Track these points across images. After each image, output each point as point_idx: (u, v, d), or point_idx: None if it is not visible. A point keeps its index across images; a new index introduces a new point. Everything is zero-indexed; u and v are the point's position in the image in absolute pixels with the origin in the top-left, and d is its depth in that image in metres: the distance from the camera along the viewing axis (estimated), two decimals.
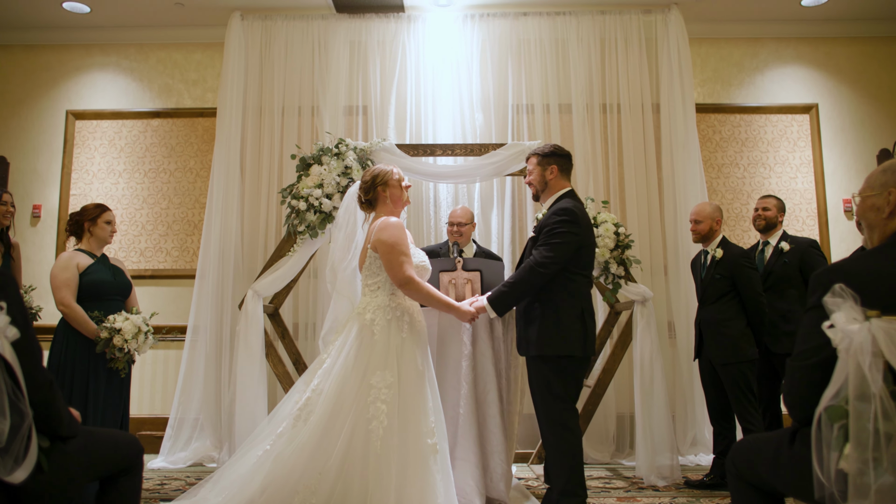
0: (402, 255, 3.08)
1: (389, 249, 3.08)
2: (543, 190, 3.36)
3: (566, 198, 3.27)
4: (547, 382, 3.07)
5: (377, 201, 3.27)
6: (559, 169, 3.33)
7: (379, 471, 2.85)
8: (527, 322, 3.17)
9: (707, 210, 4.13)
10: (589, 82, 5.67)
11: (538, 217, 3.34)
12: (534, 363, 3.13)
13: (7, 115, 5.98)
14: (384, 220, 3.16)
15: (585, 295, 3.18)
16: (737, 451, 2.08)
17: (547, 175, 3.33)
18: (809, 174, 5.83)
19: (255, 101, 5.67)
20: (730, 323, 3.95)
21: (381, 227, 3.13)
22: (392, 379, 2.97)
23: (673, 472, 4.25)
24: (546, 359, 3.07)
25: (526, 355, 3.20)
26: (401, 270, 3.07)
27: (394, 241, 3.08)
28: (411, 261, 3.13)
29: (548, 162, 3.34)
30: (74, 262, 3.67)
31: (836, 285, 1.65)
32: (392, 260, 3.07)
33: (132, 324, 3.56)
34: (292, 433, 2.90)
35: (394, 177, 3.25)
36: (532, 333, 3.13)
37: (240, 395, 4.16)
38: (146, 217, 5.85)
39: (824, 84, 5.94)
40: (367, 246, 3.20)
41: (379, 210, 3.27)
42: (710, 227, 4.11)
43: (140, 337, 3.57)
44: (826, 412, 1.62)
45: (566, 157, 3.38)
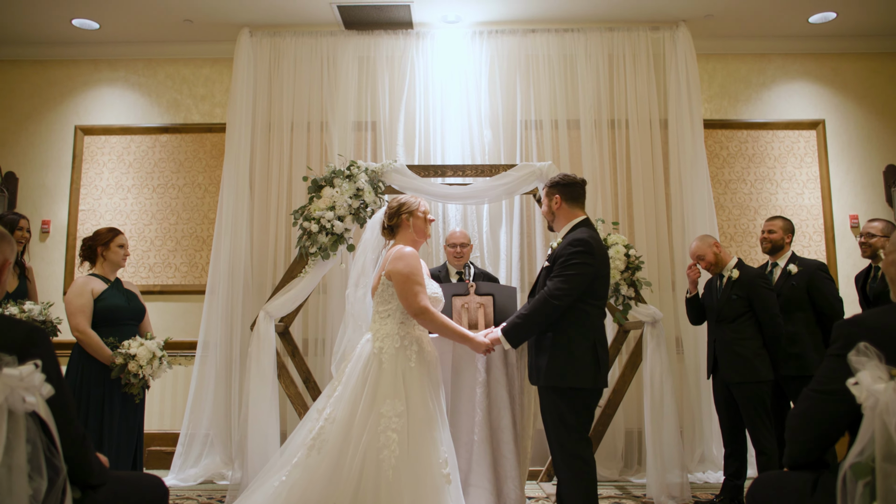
0: (416, 286, 3.10)
1: (405, 280, 3.10)
2: (553, 220, 3.38)
3: (582, 227, 3.27)
4: (559, 413, 3.08)
5: (399, 229, 3.30)
6: (563, 198, 3.33)
7: (391, 500, 2.87)
8: (538, 351, 3.18)
9: (703, 245, 4.20)
10: (597, 98, 5.69)
11: (552, 246, 3.35)
12: (546, 393, 3.14)
13: (16, 130, 5.99)
14: (399, 249, 3.18)
15: (598, 326, 3.19)
16: (759, 489, 2.11)
17: (552, 205, 3.34)
18: (816, 190, 5.85)
19: (264, 117, 5.69)
20: (745, 343, 3.97)
21: (397, 256, 3.15)
22: (402, 408, 2.99)
23: (683, 491, 4.27)
24: (558, 390, 3.08)
25: (537, 385, 3.22)
26: (416, 301, 3.09)
27: (409, 271, 3.11)
28: (426, 291, 3.15)
29: (552, 192, 3.35)
30: (89, 287, 3.69)
31: (861, 343, 1.67)
32: (407, 290, 3.09)
33: (147, 349, 3.58)
34: (307, 462, 2.92)
35: (420, 209, 3.29)
36: (543, 363, 3.14)
37: (252, 417, 4.18)
38: (155, 233, 5.87)
39: (831, 100, 5.96)
40: (381, 273, 3.22)
41: (399, 238, 3.30)
42: (718, 260, 4.15)
43: (155, 362, 3.59)
44: (852, 469, 1.64)
45: (571, 186, 3.36)
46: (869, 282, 4.35)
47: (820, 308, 4.20)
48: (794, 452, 2.00)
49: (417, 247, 3.30)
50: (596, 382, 3.11)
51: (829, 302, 4.18)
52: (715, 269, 4.19)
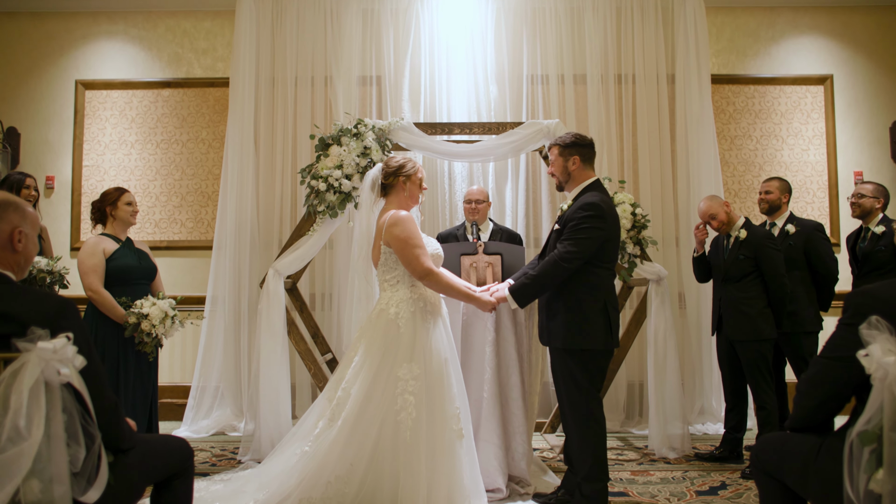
0: (417, 248, 3.13)
1: (403, 244, 3.13)
2: (567, 181, 3.36)
3: (593, 189, 3.28)
4: (572, 374, 3.15)
5: (392, 190, 3.31)
6: (581, 159, 3.33)
7: (409, 459, 2.98)
8: (550, 314, 3.23)
9: (714, 205, 4.21)
10: (604, 53, 5.62)
11: (562, 208, 3.36)
12: (558, 355, 3.20)
13: (15, 85, 5.92)
14: (394, 214, 3.19)
15: (608, 287, 3.23)
16: (764, 450, 2.19)
17: (569, 166, 3.34)
18: (822, 146, 5.84)
19: (268, 71, 5.62)
20: (751, 302, 4.03)
21: (392, 222, 3.16)
22: (419, 371, 3.07)
23: (683, 443, 4.40)
24: (570, 351, 3.15)
25: (549, 346, 3.28)
26: (419, 264, 3.13)
27: (406, 235, 3.13)
28: (427, 252, 3.18)
29: (570, 153, 3.33)
30: (101, 247, 3.72)
31: (874, 317, 1.72)
32: (408, 254, 3.13)
33: (159, 309, 3.63)
34: (328, 433, 3.01)
35: (418, 174, 3.31)
36: (555, 326, 3.19)
37: (263, 373, 4.27)
38: (160, 188, 5.87)
39: (840, 55, 5.90)
40: (378, 242, 3.24)
41: (390, 200, 3.30)
42: (725, 222, 4.17)
43: (167, 322, 3.65)
44: (859, 437, 1.71)
45: (588, 147, 3.37)
46: (858, 242, 4.41)
47: (815, 267, 4.27)
48: (801, 415, 2.07)
49: (409, 210, 3.32)
50: (607, 344, 3.17)
51: (825, 262, 4.25)
52: (725, 229, 4.22)
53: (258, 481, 3.15)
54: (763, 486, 2.18)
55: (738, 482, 3.78)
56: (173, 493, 2.17)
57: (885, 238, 4.28)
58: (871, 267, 4.35)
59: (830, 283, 4.32)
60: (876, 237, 4.33)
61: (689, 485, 3.74)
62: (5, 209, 1.86)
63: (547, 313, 3.25)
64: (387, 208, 3.30)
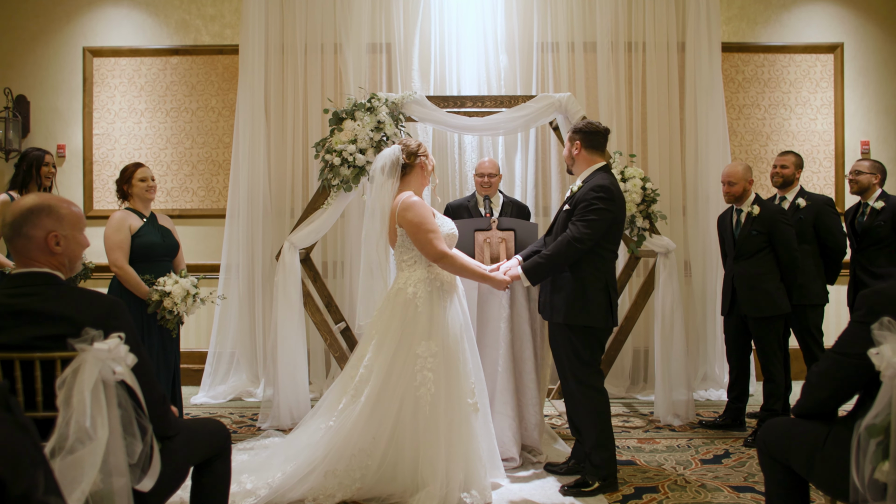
0: (429, 233, 3.21)
1: (416, 229, 3.21)
2: (573, 164, 3.46)
3: (602, 172, 3.35)
4: (574, 348, 3.28)
5: (412, 170, 3.37)
6: (582, 145, 3.40)
7: (428, 432, 3.12)
8: (553, 290, 3.34)
9: (740, 171, 4.21)
10: (615, 20, 5.59)
11: (572, 189, 3.43)
12: (559, 329, 3.32)
13: (23, 52, 5.89)
14: (406, 198, 3.27)
15: (610, 269, 3.35)
16: (770, 434, 2.31)
17: (572, 150, 3.42)
18: (829, 116, 5.86)
19: (277, 39, 5.59)
20: (766, 277, 4.13)
21: (404, 206, 3.24)
22: (436, 348, 3.18)
23: (688, 410, 4.56)
24: (572, 327, 3.26)
25: (550, 321, 3.39)
26: (432, 247, 3.21)
27: (419, 220, 3.21)
28: (440, 235, 3.26)
29: (573, 138, 3.43)
30: (126, 223, 3.79)
31: (886, 318, 1.81)
32: (421, 238, 3.21)
33: (181, 287, 3.71)
34: (352, 409, 3.15)
35: (430, 159, 3.41)
36: (558, 302, 3.31)
37: (281, 343, 4.39)
38: (171, 157, 5.90)
39: (851, 22, 5.87)
40: (393, 224, 3.32)
41: (406, 181, 3.36)
42: (744, 188, 4.21)
43: (189, 300, 3.74)
44: (867, 430, 1.82)
45: (593, 134, 3.41)
46: (857, 217, 4.49)
47: (824, 241, 4.35)
48: (809, 404, 2.18)
49: (421, 192, 3.40)
50: (607, 323, 3.30)
51: (834, 236, 4.33)
52: (737, 203, 4.27)
53: (284, 454, 3.29)
54: (768, 468, 2.31)
55: (741, 450, 3.93)
56: (214, 473, 2.30)
57: (884, 213, 4.36)
58: (869, 241, 4.44)
59: (838, 257, 4.41)
60: (875, 212, 4.40)
61: (693, 453, 3.89)
62: (37, 215, 1.92)
63: (551, 289, 3.35)
64: (403, 188, 3.36)
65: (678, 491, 3.31)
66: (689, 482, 3.42)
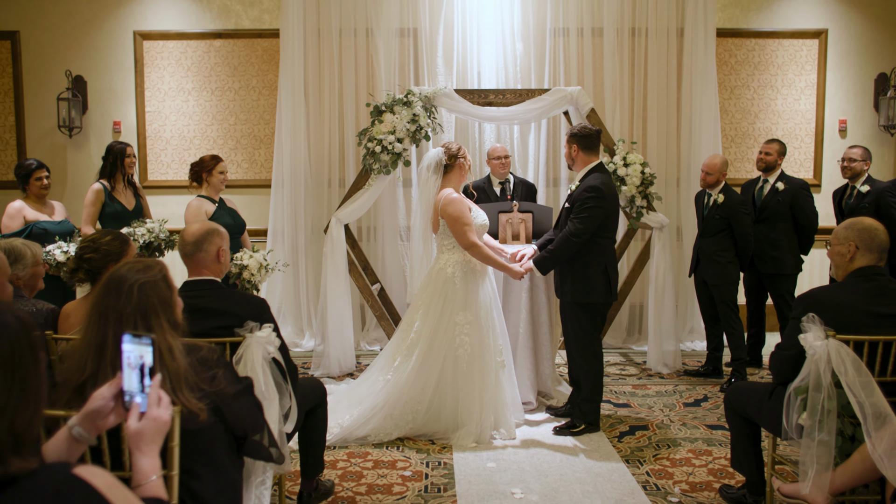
0: (465, 226, 3.93)
1: (454, 221, 3.93)
2: (572, 164, 4.12)
3: (595, 172, 4.02)
4: (579, 321, 4.02)
5: (452, 169, 4.06)
6: (579, 147, 4.04)
7: (465, 383, 3.93)
8: (563, 275, 4.05)
9: (717, 164, 4.92)
10: (620, 7, 6.15)
11: (571, 188, 4.10)
12: (569, 307, 4.06)
13: (79, 35, 6.44)
14: (448, 195, 3.97)
15: (609, 252, 4.05)
16: (733, 392, 3.10)
17: (571, 152, 4.08)
18: (812, 96, 6.49)
19: (314, 23, 6.14)
20: (723, 253, 4.91)
21: (446, 201, 3.95)
22: (472, 317, 3.95)
23: (675, 360, 5.37)
24: (578, 304, 4.01)
25: (561, 300, 4.14)
26: (465, 238, 3.94)
27: (458, 214, 3.93)
28: (473, 229, 3.97)
29: (570, 142, 4.07)
30: (203, 209, 4.50)
31: (810, 313, 2.56)
32: (458, 230, 3.93)
33: (256, 261, 4.44)
34: (404, 366, 3.94)
35: (469, 159, 4.09)
36: (567, 284, 4.03)
37: (330, 304, 5.16)
38: (216, 132, 6.53)
39: (836, 9, 6.43)
40: (437, 216, 4.03)
41: (447, 178, 4.06)
42: (717, 179, 4.92)
43: (262, 271, 4.47)
44: (794, 390, 2.60)
45: (587, 137, 4.05)
46: (845, 198, 5.19)
47: (799, 219, 5.07)
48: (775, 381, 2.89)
49: (459, 188, 4.09)
50: (606, 298, 4.03)
51: (807, 215, 5.05)
52: (710, 188, 4.98)
53: (349, 400, 4.10)
54: (731, 420, 3.10)
55: (717, 395, 4.76)
56: (317, 417, 3.08)
57: (869, 196, 5.05)
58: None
59: (811, 233, 5.14)
60: (861, 195, 5.09)
61: (678, 397, 4.72)
62: (212, 235, 2.63)
63: (560, 274, 4.08)
64: (444, 185, 4.06)
65: (664, 429, 4.14)
66: (672, 422, 4.26)
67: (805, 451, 2.52)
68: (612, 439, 3.98)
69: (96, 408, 1.42)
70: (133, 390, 1.42)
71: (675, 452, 3.80)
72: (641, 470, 3.58)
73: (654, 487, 3.38)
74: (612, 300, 4.09)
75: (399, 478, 3.48)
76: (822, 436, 2.47)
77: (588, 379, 4.07)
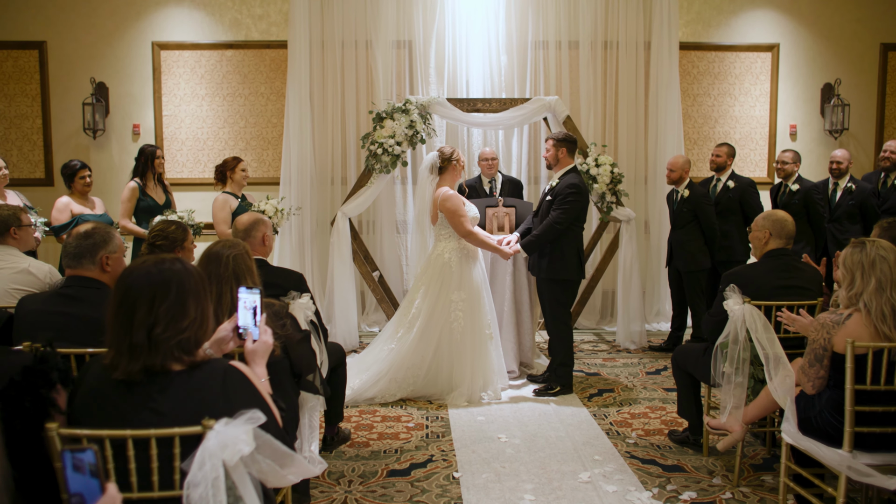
0: (461, 217, 4.62)
1: (452, 214, 4.61)
2: (556, 164, 4.82)
3: (572, 172, 4.74)
4: (555, 296, 4.73)
5: (447, 170, 4.74)
6: (567, 151, 4.77)
7: (459, 353, 4.61)
8: (541, 255, 4.76)
9: (680, 163, 5.63)
10: (594, 22, 6.86)
11: (552, 184, 4.81)
12: (545, 283, 4.77)
13: (102, 45, 7.04)
14: (445, 192, 4.65)
15: (580, 238, 4.78)
16: (678, 353, 3.82)
17: (559, 155, 4.78)
18: (766, 103, 7.24)
19: (318, 35, 6.79)
20: (693, 243, 5.61)
21: (444, 197, 4.63)
22: (465, 296, 4.64)
23: (641, 338, 6.09)
24: (555, 280, 4.72)
25: (538, 277, 4.84)
26: (462, 227, 4.62)
27: (454, 208, 4.61)
28: (468, 219, 4.66)
29: (560, 146, 4.77)
30: (228, 204, 5.15)
31: (732, 284, 3.28)
32: (455, 221, 4.62)
33: (272, 206, 5.23)
34: (406, 337, 4.62)
35: (461, 160, 4.74)
36: (543, 263, 4.74)
37: (336, 289, 5.83)
38: (228, 134, 7.17)
39: (787, 25, 7.18)
40: (435, 210, 4.71)
41: (443, 177, 4.73)
42: (680, 175, 5.64)
43: (278, 214, 5.19)
44: (719, 345, 3.31)
45: (573, 143, 4.80)
46: (780, 195, 5.94)
47: (747, 213, 5.80)
48: (705, 338, 3.63)
49: (454, 186, 4.76)
50: (578, 275, 4.75)
51: (754, 209, 5.78)
52: (675, 185, 5.70)
53: (357, 367, 4.77)
54: (677, 375, 3.83)
55: None
56: (338, 374, 3.76)
57: (798, 193, 5.80)
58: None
59: None
60: (792, 192, 5.84)
61: (642, 367, 5.44)
62: (259, 224, 3.30)
63: (539, 254, 4.78)
64: (441, 184, 4.74)
65: (627, 391, 4.86)
66: (635, 386, 4.98)
67: (726, 392, 3.24)
68: (583, 399, 4.70)
69: (221, 336, 2.10)
70: (247, 325, 2.09)
71: (635, 409, 4.51)
72: (606, 421, 4.29)
73: (616, 433, 4.09)
74: (582, 277, 4.81)
75: (404, 428, 4.18)
76: (739, 379, 3.20)
77: (561, 346, 4.78)
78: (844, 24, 7.19)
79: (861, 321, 2.55)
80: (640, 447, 3.88)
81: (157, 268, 1.74)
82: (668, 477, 3.48)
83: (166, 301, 1.71)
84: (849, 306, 2.61)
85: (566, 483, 3.40)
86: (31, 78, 7.06)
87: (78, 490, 1.32)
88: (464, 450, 3.82)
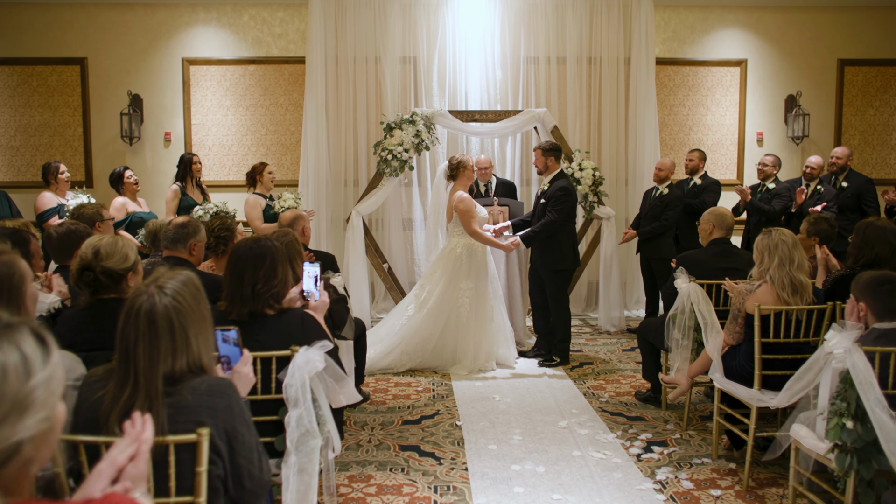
0: (471, 218, 5.40)
1: (463, 214, 5.40)
2: (545, 170, 5.61)
3: (562, 177, 5.54)
4: (558, 284, 5.53)
5: (458, 176, 5.52)
6: (555, 159, 5.57)
7: (464, 331, 5.41)
8: (541, 250, 5.55)
9: (668, 164, 6.43)
10: (579, 40, 7.66)
11: (543, 187, 5.60)
12: (549, 273, 5.55)
13: (137, 61, 7.83)
14: (459, 194, 5.43)
15: (574, 232, 5.58)
16: (642, 326, 4.63)
17: (548, 163, 5.58)
18: (735, 113, 8.04)
19: (333, 52, 7.58)
20: (661, 234, 6.40)
21: (458, 199, 5.42)
22: (472, 284, 5.42)
23: (621, 322, 6.90)
24: (556, 271, 5.51)
25: (541, 269, 5.63)
26: (469, 227, 5.41)
27: (466, 209, 5.40)
28: (477, 221, 5.44)
29: (548, 154, 5.57)
30: (259, 203, 5.94)
31: (681, 266, 4.08)
32: (465, 221, 5.40)
33: (293, 198, 5.98)
34: (417, 315, 5.41)
35: (470, 164, 5.52)
36: (547, 256, 5.53)
37: (352, 280, 6.61)
38: (250, 141, 7.95)
39: (754, 42, 7.99)
40: (451, 210, 5.50)
41: (456, 182, 5.52)
42: (666, 175, 6.43)
43: (292, 201, 5.97)
44: (671, 317, 4.11)
45: (559, 150, 5.61)
46: (758, 193, 6.73)
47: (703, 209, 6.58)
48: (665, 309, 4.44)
49: (466, 188, 5.55)
50: (573, 264, 5.55)
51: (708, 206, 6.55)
52: (659, 183, 6.48)
53: (371, 339, 5.53)
54: (641, 344, 4.63)
55: None
56: (360, 344, 4.54)
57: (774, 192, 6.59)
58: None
59: None
60: (769, 190, 6.62)
61: (619, 346, 6.24)
62: (299, 218, 4.09)
63: (539, 249, 5.57)
64: (456, 188, 5.52)
65: (604, 364, 5.66)
66: (611, 360, 5.77)
67: (674, 353, 4.04)
68: (566, 370, 5.49)
69: (291, 297, 2.88)
70: (311, 289, 2.88)
71: (610, 377, 5.31)
72: (584, 386, 5.08)
73: (591, 394, 4.89)
74: (577, 265, 5.61)
75: (414, 391, 4.97)
76: (685, 342, 3.99)
77: (561, 325, 5.57)
78: (805, 41, 8.00)
79: (768, 290, 3.35)
80: (610, 404, 4.67)
81: (256, 244, 2.53)
82: (631, 424, 4.28)
83: (263, 266, 2.50)
84: (759, 278, 3.40)
85: (547, 428, 4.19)
86: (73, 91, 7.84)
87: (226, 353, 2.11)
88: (464, 406, 4.62)
